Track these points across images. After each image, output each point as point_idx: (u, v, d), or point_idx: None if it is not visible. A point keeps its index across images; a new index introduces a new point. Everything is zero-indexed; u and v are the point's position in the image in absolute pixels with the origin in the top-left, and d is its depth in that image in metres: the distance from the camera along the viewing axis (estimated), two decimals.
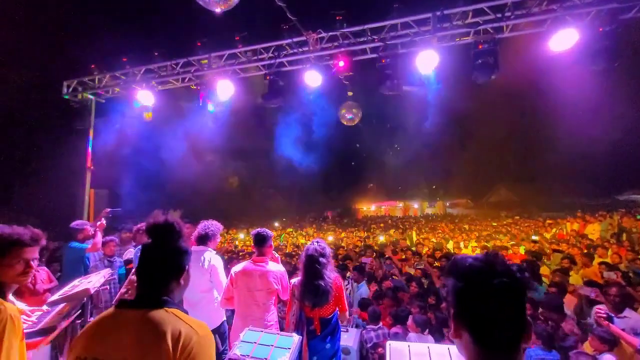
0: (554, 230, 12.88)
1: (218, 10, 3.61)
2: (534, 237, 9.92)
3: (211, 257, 3.16)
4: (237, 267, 3.00)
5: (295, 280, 3.10)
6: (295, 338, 2.44)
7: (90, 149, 7.12)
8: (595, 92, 17.07)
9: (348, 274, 6.02)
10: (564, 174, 27.14)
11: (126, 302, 1.26)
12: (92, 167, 7.09)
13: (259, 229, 3.15)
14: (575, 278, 5.77)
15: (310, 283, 2.88)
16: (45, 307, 2.75)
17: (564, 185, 26.68)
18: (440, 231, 15.62)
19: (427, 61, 4.97)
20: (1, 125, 9.28)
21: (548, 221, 15.92)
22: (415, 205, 39.84)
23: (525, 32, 4.83)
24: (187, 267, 1.36)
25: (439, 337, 4.07)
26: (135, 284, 1.33)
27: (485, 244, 10.55)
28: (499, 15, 4.68)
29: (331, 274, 3.00)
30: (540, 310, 4.32)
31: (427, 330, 3.97)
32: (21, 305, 3.00)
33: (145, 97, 6.59)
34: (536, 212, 22.44)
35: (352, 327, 4.40)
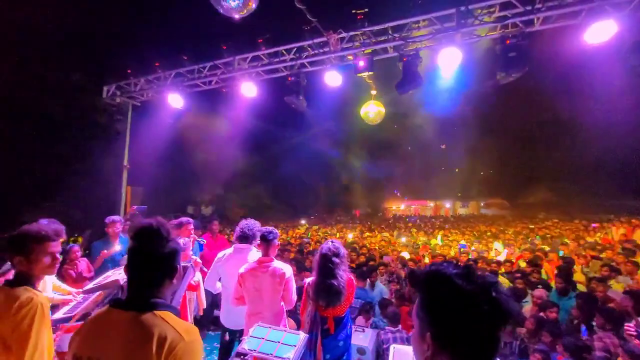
0: (597, 234, 11.96)
1: (237, 16, 3.75)
2: (566, 240, 9.24)
3: (257, 256, 3.29)
4: (243, 268, 3.07)
5: (309, 279, 3.16)
6: (302, 336, 2.50)
7: (127, 149, 7.67)
8: None
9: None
10: (612, 172, 24.92)
11: (119, 301, 1.29)
12: (128, 166, 7.62)
13: (266, 227, 3.23)
14: (616, 288, 5.34)
15: (323, 282, 2.91)
16: (82, 296, 3.06)
17: (611, 186, 24.52)
18: (468, 233, 15.03)
19: (449, 58, 4.80)
20: (51, 126, 10.29)
21: (592, 224, 14.81)
22: (447, 205, 38.56)
23: (558, 25, 4.51)
24: (176, 267, 1.36)
25: None
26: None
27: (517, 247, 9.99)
28: (529, 7, 4.41)
29: (344, 273, 3.02)
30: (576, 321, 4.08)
31: None
32: (68, 287, 3.38)
33: (174, 100, 6.97)
34: (580, 215, 20.90)
35: (370, 327, 4.42)
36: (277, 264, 3.08)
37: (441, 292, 0.87)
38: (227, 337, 3.57)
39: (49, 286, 3.18)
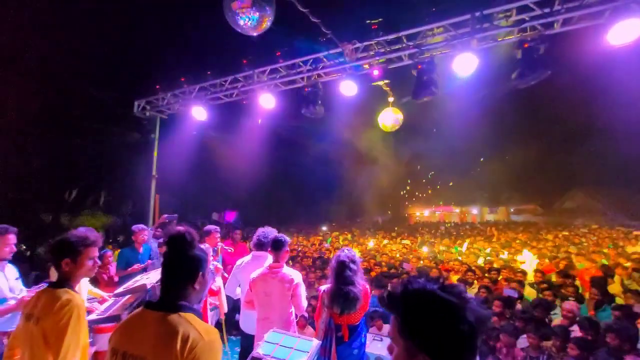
0: None
1: (255, 34, 3.96)
2: (605, 251, 8.67)
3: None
4: (254, 273, 3.19)
5: (325, 287, 3.19)
6: (314, 342, 2.56)
7: (155, 160, 8.12)
8: None
9: None
10: None
11: (151, 303, 1.44)
12: (156, 176, 8.06)
13: (276, 234, 3.32)
14: None
15: (340, 289, 2.94)
16: (113, 299, 3.28)
17: None
18: (495, 240, 14.44)
19: (465, 64, 4.75)
20: (95, 138, 11.17)
21: (635, 232, 13.81)
22: (474, 211, 37.21)
23: (580, 26, 4.35)
24: (201, 272, 1.48)
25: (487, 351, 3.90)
26: None
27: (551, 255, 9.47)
28: (548, 10, 4.30)
29: (361, 280, 3.05)
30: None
31: None
32: (101, 292, 3.63)
33: (198, 113, 7.30)
34: (623, 222, 19.53)
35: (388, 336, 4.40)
36: (287, 270, 3.17)
37: (429, 310, 0.85)
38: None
39: (84, 292, 3.44)
